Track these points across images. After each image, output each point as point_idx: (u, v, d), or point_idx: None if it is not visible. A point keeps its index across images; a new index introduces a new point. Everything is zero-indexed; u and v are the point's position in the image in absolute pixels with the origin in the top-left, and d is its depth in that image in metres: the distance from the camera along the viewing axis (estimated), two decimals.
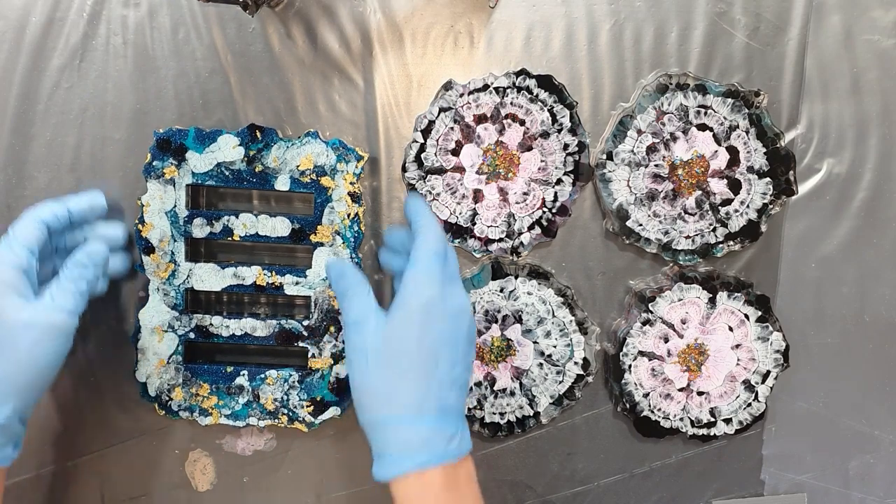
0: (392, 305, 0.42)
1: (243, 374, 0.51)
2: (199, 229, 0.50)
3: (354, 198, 0.50)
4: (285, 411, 0.51)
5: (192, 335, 0.51)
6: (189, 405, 0.51)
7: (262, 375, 0.51)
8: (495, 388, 0.52)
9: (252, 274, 0.50)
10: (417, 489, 0.41)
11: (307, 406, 0.51)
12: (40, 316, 0.42)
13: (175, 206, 0.50)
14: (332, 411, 0.51)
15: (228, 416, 0.51)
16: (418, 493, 0.41)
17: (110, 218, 0.50)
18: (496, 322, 0.52)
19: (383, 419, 0.41)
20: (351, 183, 0.49)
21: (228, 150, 0.49)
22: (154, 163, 0.49)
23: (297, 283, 0.50)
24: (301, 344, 0.51)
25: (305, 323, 0.51)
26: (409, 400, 0.40)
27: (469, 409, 0.53)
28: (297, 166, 0.49)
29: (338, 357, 0.51)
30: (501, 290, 0.51)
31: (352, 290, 0.43)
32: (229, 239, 0.50)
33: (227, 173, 0.49)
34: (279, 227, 0.50)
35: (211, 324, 0.51)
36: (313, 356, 0.51)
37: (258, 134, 0.49)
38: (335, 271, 0.44)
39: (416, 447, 0.40)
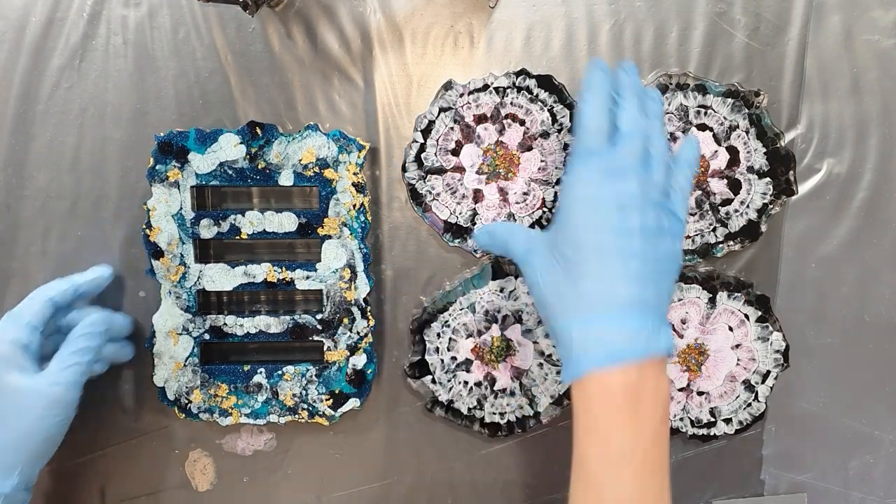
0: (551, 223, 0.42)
1: (260, 372, 0.51)
2: (207, 230, 0.50)
3: (359, 188, 0.50)
4: (305, 406, 0.51)
5: (206, 336, 0.51)
6: (208, 407, 0.51)
7: (280, 372, 0.51)
8: (495, 388, 0.52)
9: (262, 271, 0.50)
10: (595, 393, 0.39)
11: (326, 399, 0.51)
12: (43, 389, 0.44)
13: (181, 208, 0.50)
14: (352, 403, 0.51)
15: (248, 415, 0.51)
16: (594, 399, 0.39)
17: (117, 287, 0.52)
18: (496, 322, 0.52)
19: (555, 328, 0.41)
20: (354, 173, 0.49)
21: (230, 148, 0.49)
22: (157, 167, 0.49)
23: (307, 278, 0.50)
24: (316, 338, 0.51)
25: (319, 316, 0.51)
26: (573, 303, 0.40)
27: (469, 410, 0.53)
28: (300, 160, 0.49)
29: (353, 348, 0.51)
30: (501, 290, 0.51)
31: (508, 238, 0.44)
32: (237, 238, 0.50)
33: (230, 172, 0.49)
34: (286, 222, 0.50)
35: (225, 324, 0.51)
36: (329, 349, 0.51)
37: (258, 131, 0.49)
38: (483, 238, 0.46)
39: (591, 344, 0.39)
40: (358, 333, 0.51)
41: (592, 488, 0.39)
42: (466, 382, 0.52)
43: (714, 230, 0.51)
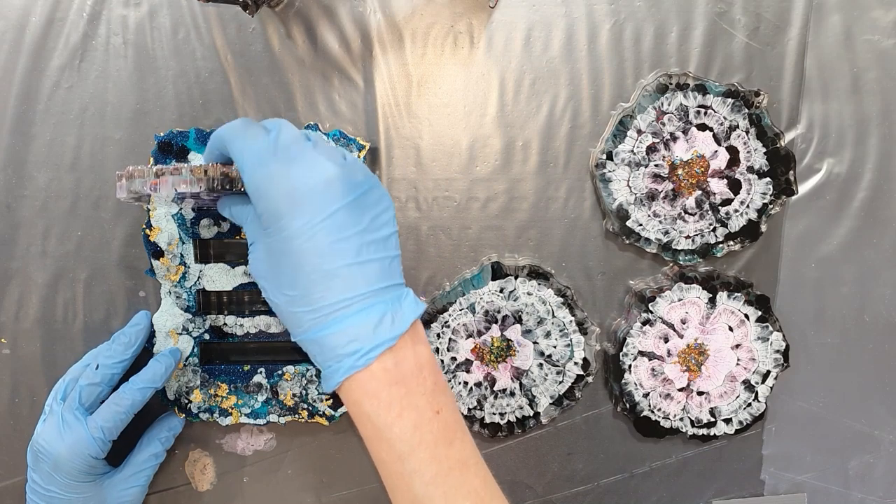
0: None
1: (261, 372, 0.51)
2: (207, 230, 0.50)
3: None
4: (305, 406, 0.51)
5: (206, 336, 0.51)
6: (208, 406, 0.51)
7: (280, 372, 0.51)
8: (495, 389, 0.52)
9: None
10: (361, 396, 0.37)
11: (326, 399, 0.51)
12: (118, 494, 0.48)
13: (181, 208, 0.50)
14: None
15: (248, 415, 0.51)
16: (363, 402, 0.37)
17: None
18: (496, 322, 0.52)
19: (296, 338, 0.39)
20: None
21: None
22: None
23: None
24: None
25: None
26: (306, 320, 0.37)
27: (469, 410, 0.53)
28: None
29: None
30: (501, 291, 0.51)
31: (236, 212, 0.42)
32: (237, 237, 0.50)
33: None
34: None
35: (225, 323, 0.51)
36: None
37: None
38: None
39: (338, 354, 0.37)
40: None
41: (399, 486, 0.38)
42: (466, 383, 0.52)
43: (714, 230, 0.51)
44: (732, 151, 0.50)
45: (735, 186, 0.51)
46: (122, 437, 0.48)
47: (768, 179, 0.51)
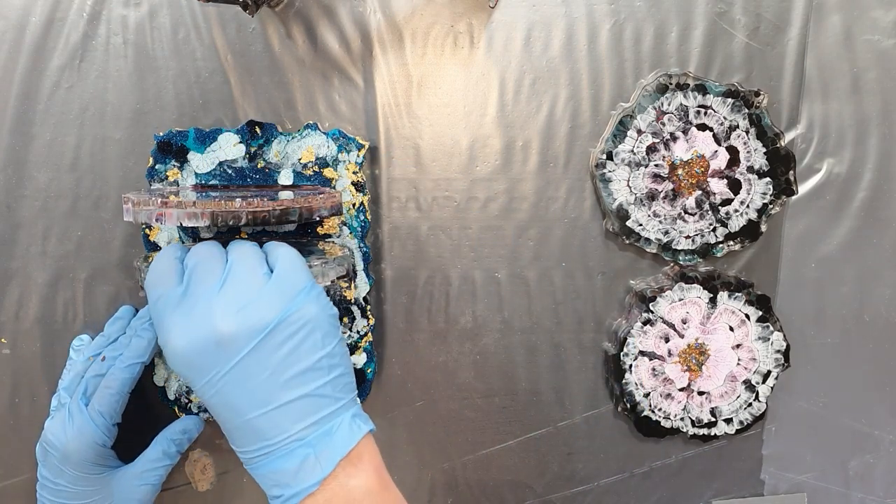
0: None
1: None
2: (207, 230, 0.50)
3: (358, 187, 0.50)
4: None
5: None
6: None
7: None
8: None
9: None
10: None
11: None
12: (131, 491, 0.47)
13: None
14: None
15: None
16: None
17: None
18: None
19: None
20: (354, 172, 0.49)
21: (229, 148, 0.49)
22: (156, 166, 0.49)
23: None
24: None
25: None
26: (244, 457, 0.39)
27: None
28: (299, 159, 0.49)
29: (353, 347, 0.51)
30: None
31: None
32: (237, 237, 0.50)
33: (229, 172, 0.49)
34: None
35: None
36: None
37: (258, 130, 0.49)
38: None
39: (271, 495, 0.38)
40: (358, 332, 0.51)
41: None
42: None
43: (714, 230, 0.51)
44: (732, 151, 0.50)
45: (735, 186, 0.51)
46: (137, 436, 0.48)
47: (768, 179, 0.51)
